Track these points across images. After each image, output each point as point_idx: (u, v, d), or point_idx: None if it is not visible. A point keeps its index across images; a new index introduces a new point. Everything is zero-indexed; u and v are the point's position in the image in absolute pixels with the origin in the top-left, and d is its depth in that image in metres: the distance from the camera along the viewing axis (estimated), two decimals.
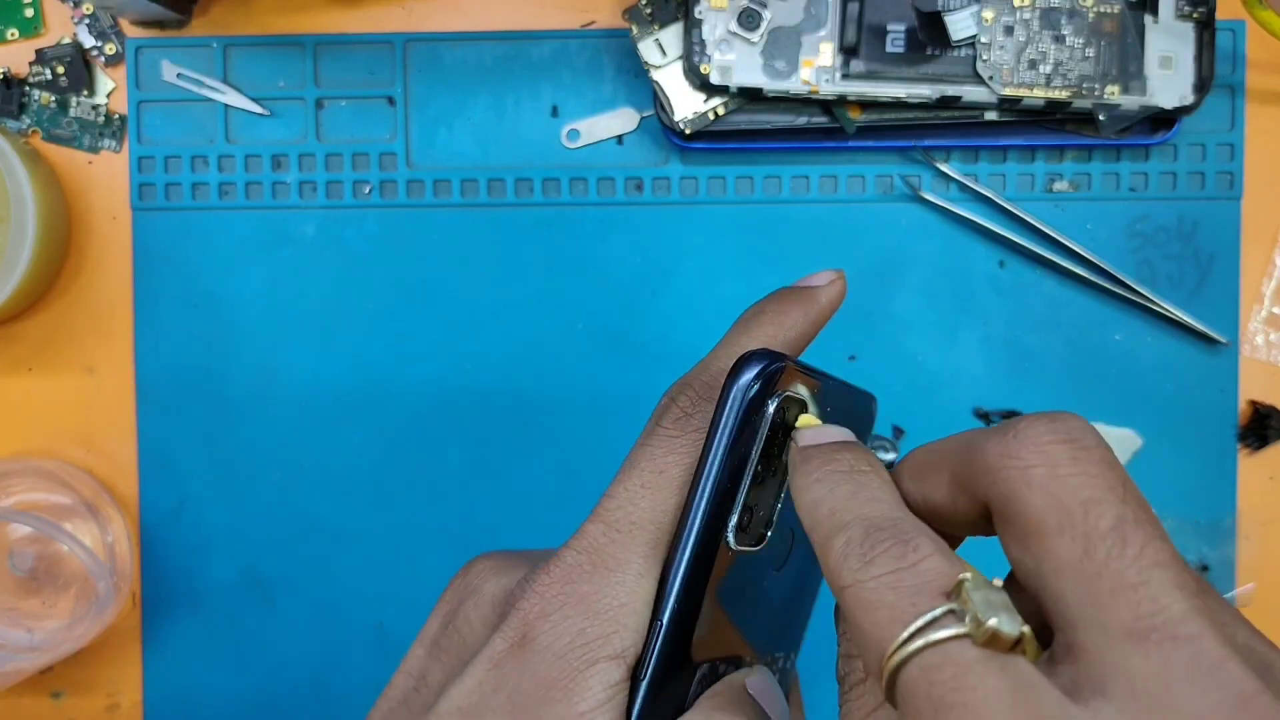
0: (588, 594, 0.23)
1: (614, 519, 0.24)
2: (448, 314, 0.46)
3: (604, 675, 0.22)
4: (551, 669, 0.22)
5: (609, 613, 0.23)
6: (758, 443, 0.23)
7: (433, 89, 0.46)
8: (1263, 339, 0.46)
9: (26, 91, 0.46)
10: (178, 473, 0.46)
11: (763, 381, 0.23)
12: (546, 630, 0.23)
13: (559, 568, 0.24)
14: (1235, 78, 0.45)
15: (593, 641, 0.22)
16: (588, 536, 0.24)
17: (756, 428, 0.23)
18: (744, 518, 0.24)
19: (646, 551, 0.23)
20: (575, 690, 0.22)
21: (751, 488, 0.24)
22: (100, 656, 0.47)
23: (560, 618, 0.23)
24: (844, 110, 0.43)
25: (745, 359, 0.24)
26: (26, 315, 0.47)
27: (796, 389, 0.24)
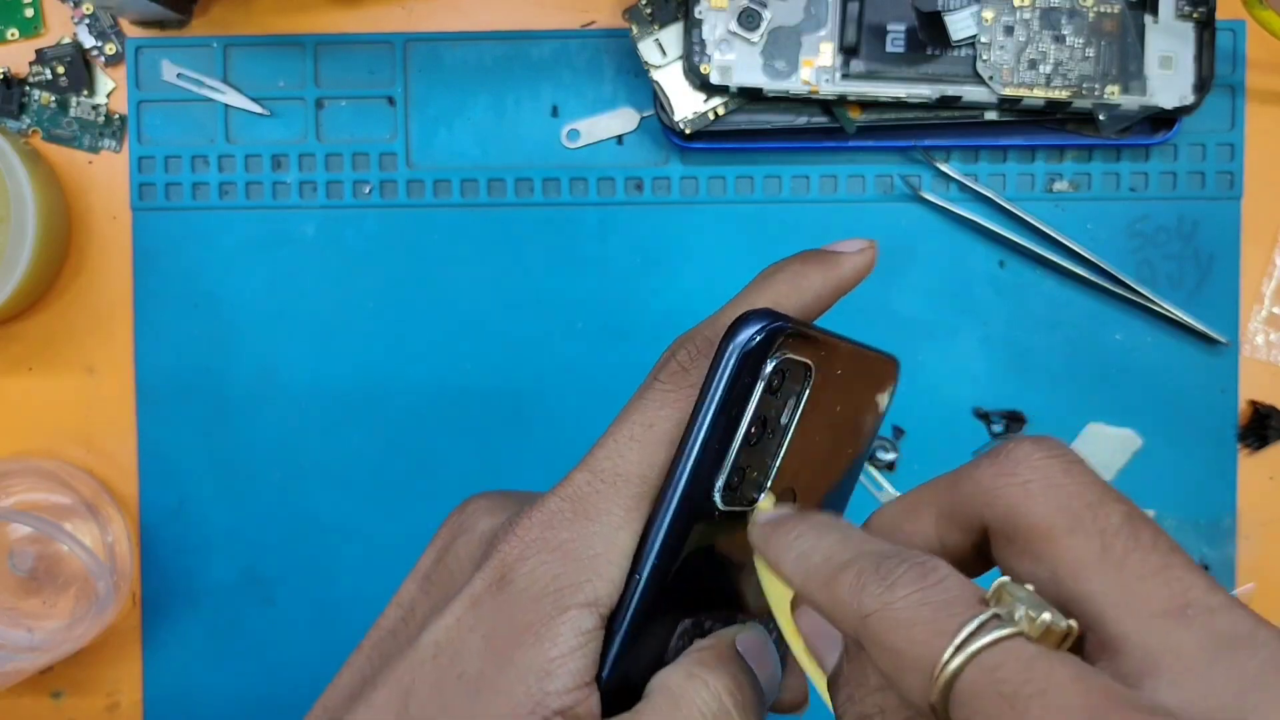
0: (566, 540, 0.23)
1: (600, 469, 0.24)
2: (448, 314, 0.46)
3: (576, 622, 0.22)
4: (526, 612, 0.22)
5: (585, 561, 0.23)
6: (752, 403, 0.23)
7: (433, 89, 0.46)
8: (1263, 339, 0.46)
9: (27, 91, 0.46)
10: (178, 472, 0.46)
11: (761, 340, 0.23)
12: (524, 574, 0.23)
13: (541, 513, 0.24)
14: (1235, 78, 0.45)
15: (566, 588, 0.23)
16: (573, 484, 0.24)
17: (751, 387, 0.23)
18: (734, 478, 0.23)
19: (629, 504, 0.23)
20: (547, 635, 0.22)
21: (744, 449, 0.23)
22: (100, 656, 0.47)
23: (537, 562, 0.23)
24: (844, 110, 0.43)
25: (746, 316, 0.23)
26: (27, 315, 0.47)
27: (800, 352, 0.24)
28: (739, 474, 0.24)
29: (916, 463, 0.46)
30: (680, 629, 0.24)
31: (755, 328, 0.23)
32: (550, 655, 0.22)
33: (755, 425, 0.23)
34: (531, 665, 0.22)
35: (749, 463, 0.24)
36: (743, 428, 0.23)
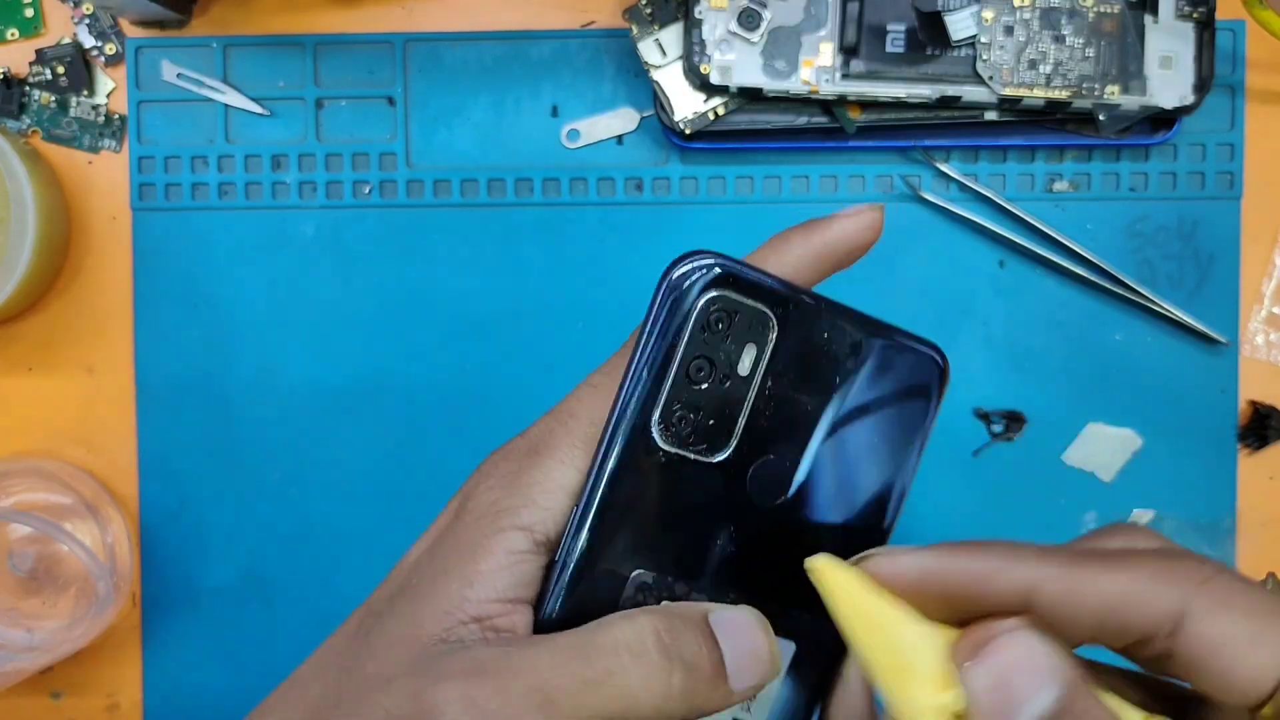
0: (513, 471, 0.24)
1: (558, 411, 0.25)
2: (447, 314, 0.46)
3: (508, 541, 0.23)
4: (468, 532, 0.24)
5: (525, 488, 0.24)
6: (683, 337, 0.24)
7: (433, 89, 0.46)
8: (1263, 339, 0.46)
9: (26, 91, 0.46)
10: (177, 473, 0.46)
11: (684, 272, 0.24)
12: (474, 501, 0.24)
13: (501, 449, 0.25)
14: (1235, 77, 0.45)
15: (504, 511, 0.23)
16: (534, 426, 0.25)
17: (681, 321, 0.24)
18: (675, 413, 0.24)
19: (576, 441, 0.24)
20: (479, 550, 0.23)
21: (684, 385, 0.24)
22: (100, 656, 0.47)
23: (485, 489, 0.24)
24: (844, 110, 0.43)
25: (683, 255, 0.24)
26: (26, 315, 0.47)
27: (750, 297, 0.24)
28: (683, 411, 0.24)
29: None
30: (637, 580, 0.24)
31: (685, 261, 0.24)
32: (478, 568, 0.23)
33: (697, 363, 0.24)
34: (460, 574, 0.23)
35: (696, 402, 0.24)
36: (676, 360, 0.24)
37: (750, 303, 0.24)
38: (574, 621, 0.23)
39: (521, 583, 0.23)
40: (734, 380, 0.24)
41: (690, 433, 0.24)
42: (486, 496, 0.24)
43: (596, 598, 0.23)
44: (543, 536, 0.23)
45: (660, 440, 0.24)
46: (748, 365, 0.24)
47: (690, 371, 0.24)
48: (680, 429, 0.24)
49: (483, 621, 0.23)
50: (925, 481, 0.46)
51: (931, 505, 0.46)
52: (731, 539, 0.24)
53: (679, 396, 0.24)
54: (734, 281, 0.24)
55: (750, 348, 0.24)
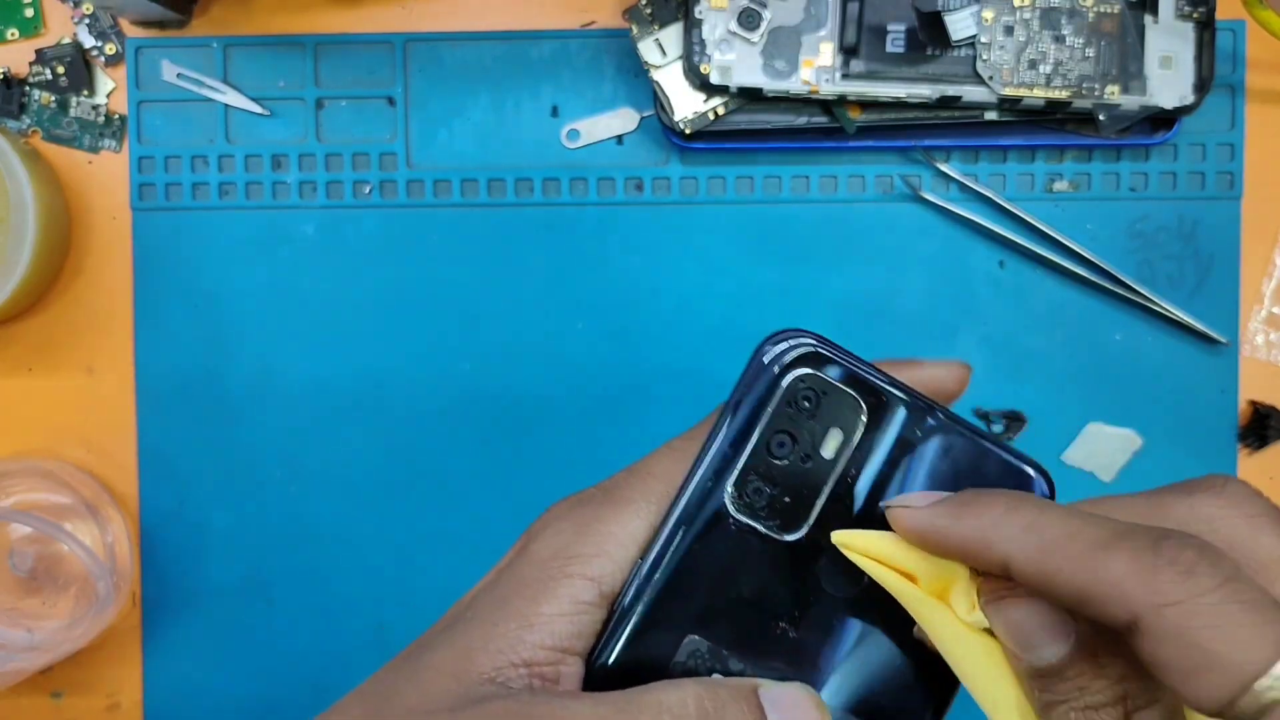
0: (585, 516, 0.24)
1: (635, 467, 0.25)
2: (448, 314, 0.46)
3: (574, 589, 0.23)
4: (532, 571, 0.23)
5: (596, 537, 0.23)
6: (767, 409, 0.23)
7: (433, 89, 0.46)
8: (1263, 339, 0.46)
9: (26, 91, 0.46)
10: (177, 473, 0.47)
11: (777, 343, 0.24)
12: (541, 542, 0.24)
13: (574, 496, 0.25)
14: (1235, 77, 0.45)
15: (574, 557, 0.23)
16: (611, 478, 0.25)
17: (768, 397, 0.24)
18: (749, 483, 0.24)
19: (652, 497, 0.24)
20: (543, 594, 0.23)
21: (762, 457, 0.23)
22: (100, 656, 0.47)
23: (554, 532, 0.24)
24: (844, 110, 0.43)
25: (780, 331, 0.24)
26: (26, 315, 0.47)
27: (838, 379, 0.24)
28: (759, 482, 0.23)
29: None
30: (690, 646, 0.24)
31: (780, 338, 0.24)
32: (540, 610, 0.23)
33: (779, 437, 0.23)
34: (520, 613, 0.23)
35: (773, 475, 0.24)
36: (758, 429, 0.23)
37: (842, 387, 0.24)
38: (622, 677, 0.23)
39: (579, 634, 0.23)
40: (816, 461, 0.24)
41: (764, 506, 0.24)
42: (556, 539, 0.24)
43: (648, 657, 0.23)
44: (609, 589, 0.23)
45: (732, 507, 0.23)
46: (832, 449, 0.24)
47: (771, 445, 0.24)
48: (754, 500, 0.24)
49: (533, 667, 0.22)
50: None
51: None
52: (794, 623, 0.24)
53: (757, 467, 0.24)
54: (828, 363, 0.24)
55: (836, 431, 0.24)
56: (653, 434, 0.46)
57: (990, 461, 0.24)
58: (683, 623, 0.24)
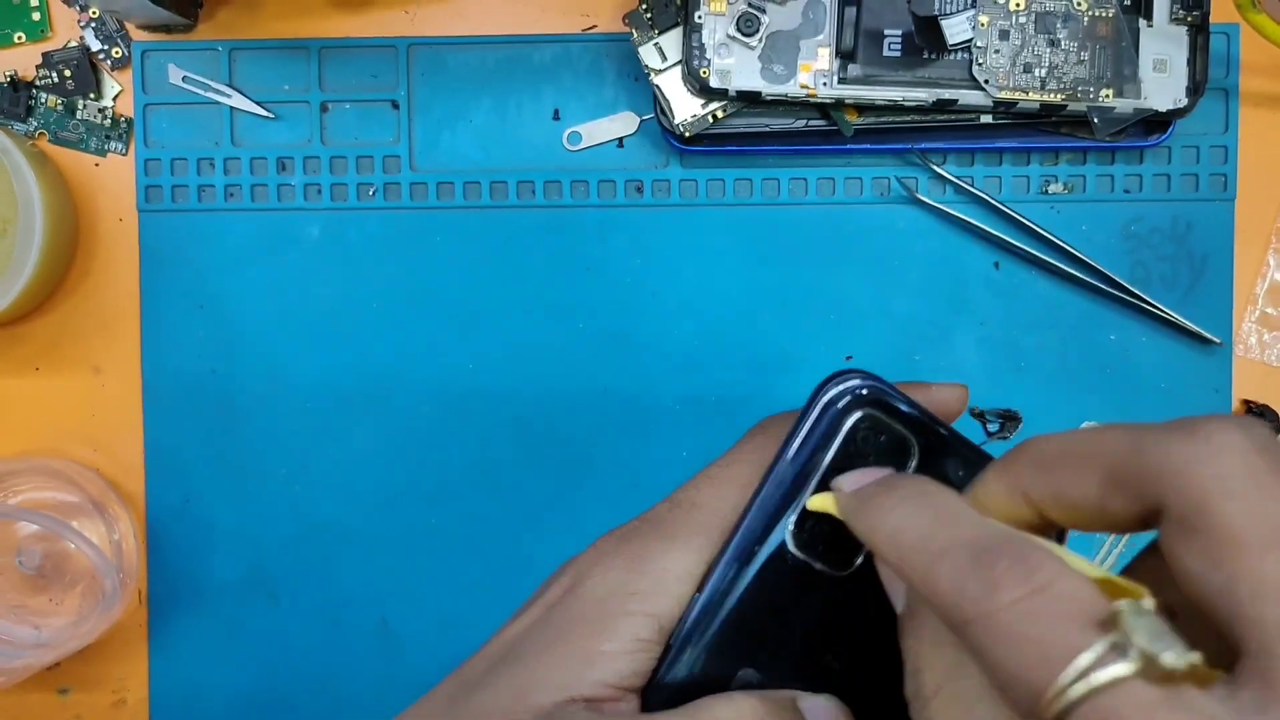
0: (638, 553, 0.24)
1: (678, 499, 0.25)
2: (451, 315, 0.47)
3: (634, 627, 0.23)
4: (589, 609, 0.23)
5: (653, 573, 0.23)
6: (829, 451, 0.24)
7: (436, 93, 0.46)
8: (1256, 339, 0.46)
9: (34, 94, 0.47)
10: (184, 471, 0.47)
11: (849, 393, 0.24)
12: (594, 578, 0.24)
13: (621, 530, 0.25)
14: (1229, 81, 0.46)
15: (633, 594, 0.23)
16: (653, 511, 0.25)
17: (831, 437, 0.24)
18: (807, 524, 0.24)
19: (700, 530, 0.24)
20: (603, 631, 0.23)
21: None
22: (107, 653, 0.47)
23: (606, 568, 0.24)
24: (841, 113, 0.44)
25: (840, 372, 0.24)
26: (34, 316, 0.47)
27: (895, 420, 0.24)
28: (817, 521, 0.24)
29: None
30: (743, 679, 0.24)
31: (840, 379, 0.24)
32: (601, 648, 0.23)
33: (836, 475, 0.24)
34: (581, 651, 0.23)
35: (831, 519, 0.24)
36: (819, 471, 0.24)
37: (897, 427, 0.25)
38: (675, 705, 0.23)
39: (638, 671, 0.23)
40: None
41: (822, 544, 0.24)
42: (611, 576, 0.24)
43: (702, 690, 0.24)
44: (667, 625, 0.23)
45: (792, 544, 0.24)
46: None
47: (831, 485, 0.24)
48: (812, 537, 0.24)
49: (592, 703, 0.22)
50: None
51: None
52: (847, 655, 0.25)
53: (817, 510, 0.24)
54: (884, 404, 0.25)
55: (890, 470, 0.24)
56: (651, 431, 0.47)
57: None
58: (736, 656, 0.24)
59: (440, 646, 0.47)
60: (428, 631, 0.47)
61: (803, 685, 0.24)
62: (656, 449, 0.46)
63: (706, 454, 0.47)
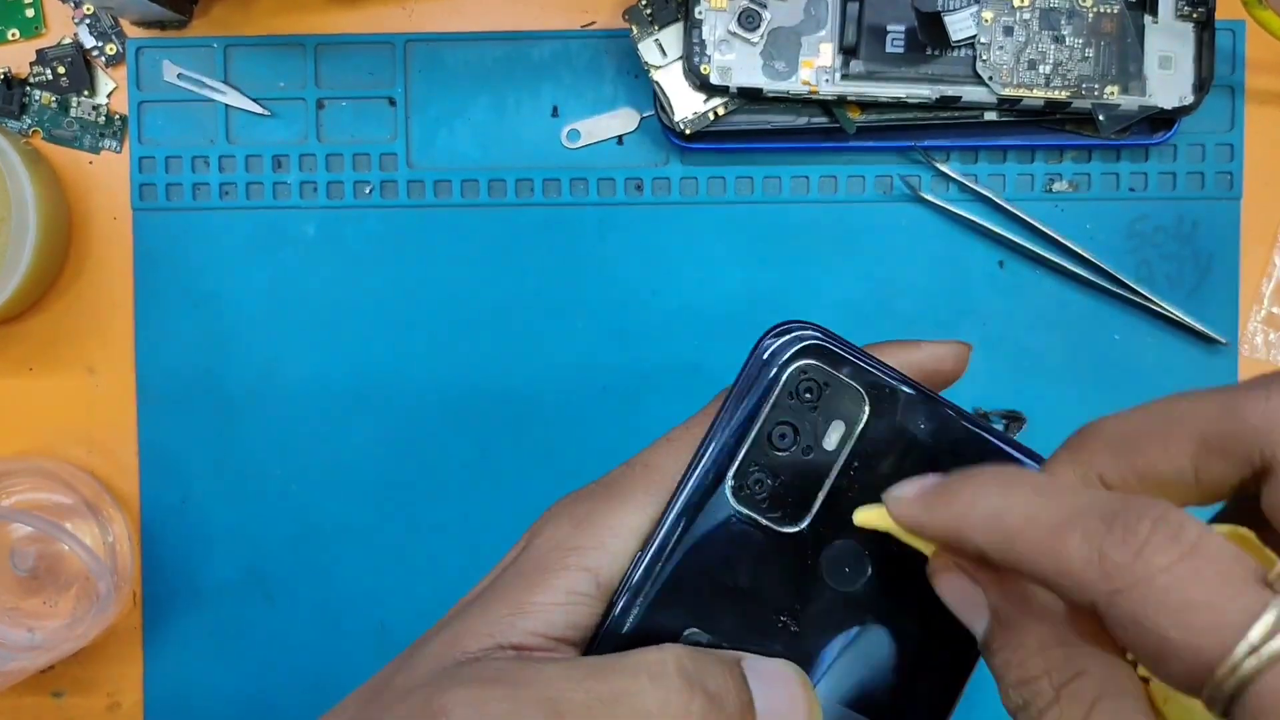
0: (584, 511, 0.24)
1: (634, 461, 0.25)
2: (448, 313, 0.46)
3: (570, 580, 0.23)
4: (531, 563, 0.23)
5: (594, 530, 0.23)
6: (769, 401, 0.24)
7: (433, 89, 0.46)
8: (1261, 339, 0.46)
9: (27, 92, 0.46)
10: (178, 472, 0.47)
11: (776, 334, 0.24)
12: (541, 537, 0.24)
13: (573, 494, 0.25)
14: (1235, 78, 0.45)
15: (571, 549, 0.23)
16: (610, 473, 0.25)
17: (770, 389, 0.24)
18: (750, 475, 0.24)
19: (651, 490, 0.24)
20: (539, 583, 0.23)
21: (764, 448, 0.24)
22: (101, 656, 0.47)
23: (554, 527, 0.24)
24: (844, 110, 0.43)
25: (780, 323, 0.24)
26: (27, 315, 0.47)
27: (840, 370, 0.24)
28: (760, 474, 0.24)
29: None
30: (690, 638, 0.24)
31: (781, 328, 0.24)
32: (534, 599, 0.23)
33: (781, 429, 0.24)
34: (513, 602, 0.23)
35: (775, 467, 0.24)
36: (760, 420, 0.24)
37: (845, 379, 0.24)
38: None
39: (573, 624, 0.23)
40: (818, 453, 0.24)
41: (765, 498, 0.24)
42: (556, 532, 0.24)
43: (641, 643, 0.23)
44: (606, 582, 0.23)
45: (733, 500, 0.24)
46: (834, 441, 0.24)
47: (773, 436, 0.24)
48: (755, 492, 0.24)
49: (522, 650, 0.22)
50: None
51: None
52: (796, 617, 0.24)
53: (758, 459, 0.24)
54: (830, 355, 0.24)
55: (839, 424, 0.24)
56: (652, 433, 0.47)
57: (991, 455, 0.24)
58: (682, 615, 0.24)
59: None
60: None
61: (755, 648, 0.23)
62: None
63: None
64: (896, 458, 0.24)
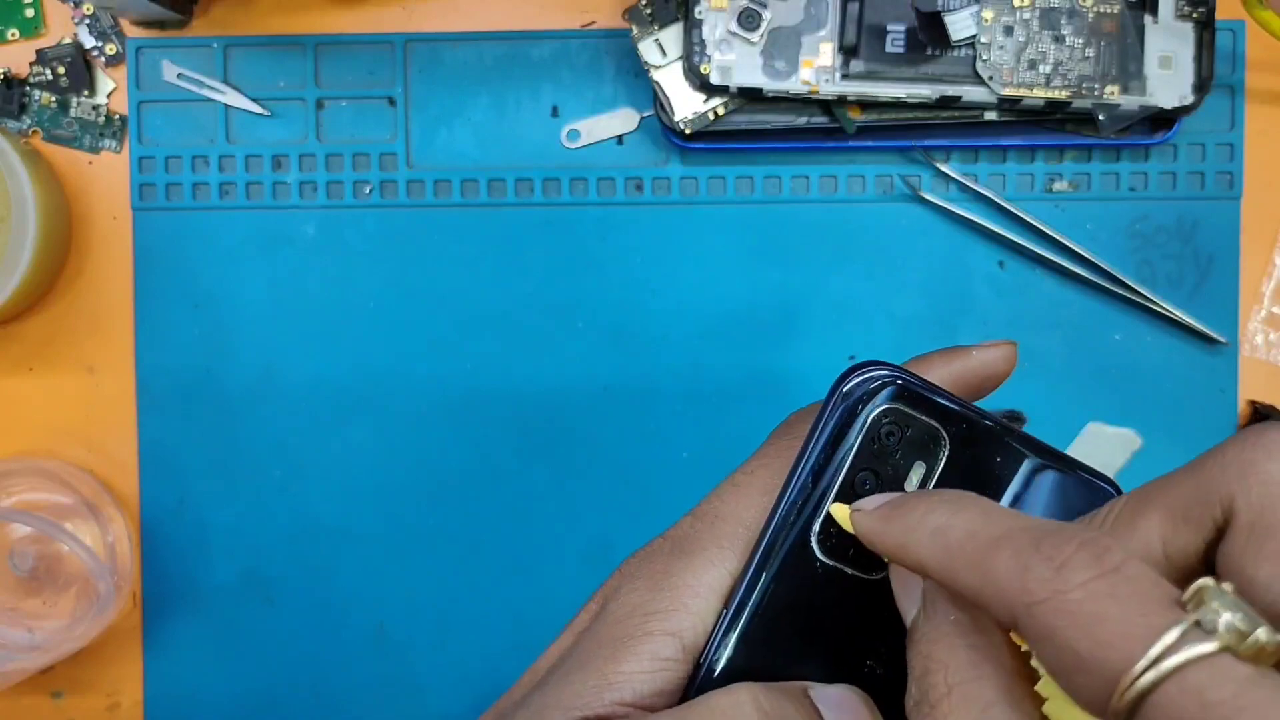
0: (659, 571, 0.23)
1: (700, 511, 0.24)
2: (448, 314, 0.46)
3: (656, 646, 0.22)
4: (610, 631, 0.23)
5: (674, 590, 0.23)
6: (851, 447, 0.23)
7: (433, 89, 0.46)
8: (1262, 339, 0.46)
9: (27, 92, 0.46)
10: (178, 472, 0.47)
11: (859, 382, 0.23)
12: (617, 601, 0.23)
13: (644, 550, 0.24)
14: (1235, 78, 0.45)
15: (653, 613, 0.23)
16: (677, 527, 0.24)
17: (848, 430, 0.23)
18: (833, 527, 0.23)
19: (724, 542, 0.23)
20: (623, 652, 0.22)
21: (851, 498, 0.23)
22: (101, 656, 0.47)
23: (629, 590, 0.23)
24: (844, 110, 0.43)
25: (857, 365, 0.23)
26: (27, 315, 0.47)
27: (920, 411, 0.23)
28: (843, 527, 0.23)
29: None
30: None
31: (859, 372, 0.23)
32: (621, 669, 0.22)
33: (863, 475, 0.23)
34: (599, 672, 0.22)
35: None
36: (843, 471, 0.23)
37: (924, 418, 0.23)
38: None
39: (661, 690, 0.22)
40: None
41: (851, 547, 0.23)
42: (632, 597, 0.23)
43: None
44: (692, 643, 0.23)
45: (819, 550, 0.23)
46: (915, 482, 0.24)
47: (855, 484, 0.23)
48: (841, 542, 0.23)
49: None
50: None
51: None
52: (881, 660, 0.24)
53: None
54: (908, 396, 0.23)
55: (920, 465, 0.23)
56: (652, 431, 0.47)
57: (1070, 480, 0.24)
58: (771, 667, 0.23)
59: (438, 650, 0.47)
60: (425, 634, 0.47)
61: None
62: (657, 448, 0.46)
63: (707, 453, 0.46)
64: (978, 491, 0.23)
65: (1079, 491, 0.24)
